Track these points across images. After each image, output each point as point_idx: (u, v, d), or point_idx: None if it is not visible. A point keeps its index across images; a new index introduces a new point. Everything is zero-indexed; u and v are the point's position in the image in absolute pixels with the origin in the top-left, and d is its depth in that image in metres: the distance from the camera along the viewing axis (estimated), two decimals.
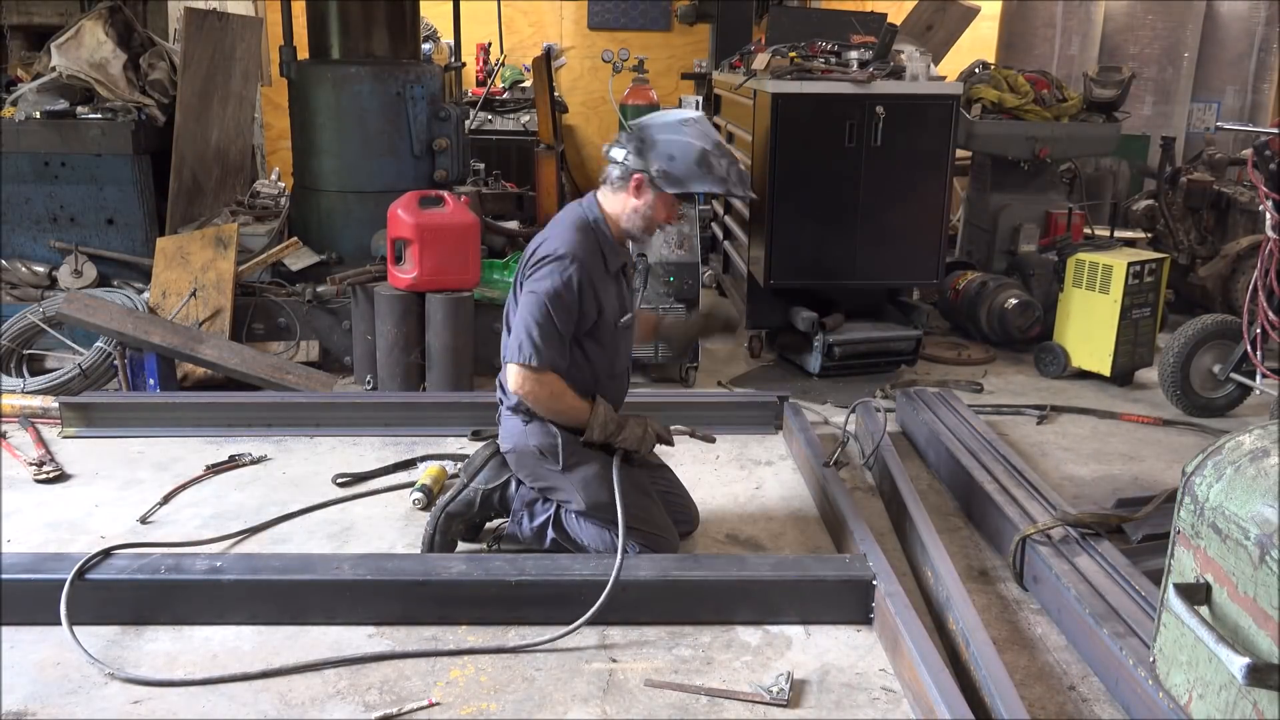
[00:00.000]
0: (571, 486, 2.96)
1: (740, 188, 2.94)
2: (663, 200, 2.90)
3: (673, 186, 2.86)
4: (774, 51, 5.07)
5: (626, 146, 2.88)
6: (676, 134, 2.86)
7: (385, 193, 4.86)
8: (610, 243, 2.96)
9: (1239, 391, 4.53)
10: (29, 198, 5.09)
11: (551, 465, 2.94)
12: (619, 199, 2.93)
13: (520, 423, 2.97)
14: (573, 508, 3.00)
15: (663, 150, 2.84)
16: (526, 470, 3.02)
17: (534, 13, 9.25)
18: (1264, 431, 2.11)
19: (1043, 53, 7.54)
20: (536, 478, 3.02)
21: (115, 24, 5.24)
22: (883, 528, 3.39)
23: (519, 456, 3.01)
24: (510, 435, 3.01)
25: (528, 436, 2.96)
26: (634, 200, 2.91)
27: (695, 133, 2.87)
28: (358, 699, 2.41)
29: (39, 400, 4.21)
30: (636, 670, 2.54)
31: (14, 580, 2.67)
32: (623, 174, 2.89)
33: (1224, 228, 6.18)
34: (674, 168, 2.84)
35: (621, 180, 2.91)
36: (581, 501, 2.95)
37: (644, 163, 2.85)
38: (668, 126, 2.88)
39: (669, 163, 2.84)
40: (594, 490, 2.93)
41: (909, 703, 2.42)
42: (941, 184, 4.81)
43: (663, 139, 2.85)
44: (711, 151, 2.86)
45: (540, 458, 2.95)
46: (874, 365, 4.99)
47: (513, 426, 3.00)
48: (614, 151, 2.92)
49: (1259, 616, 1.90)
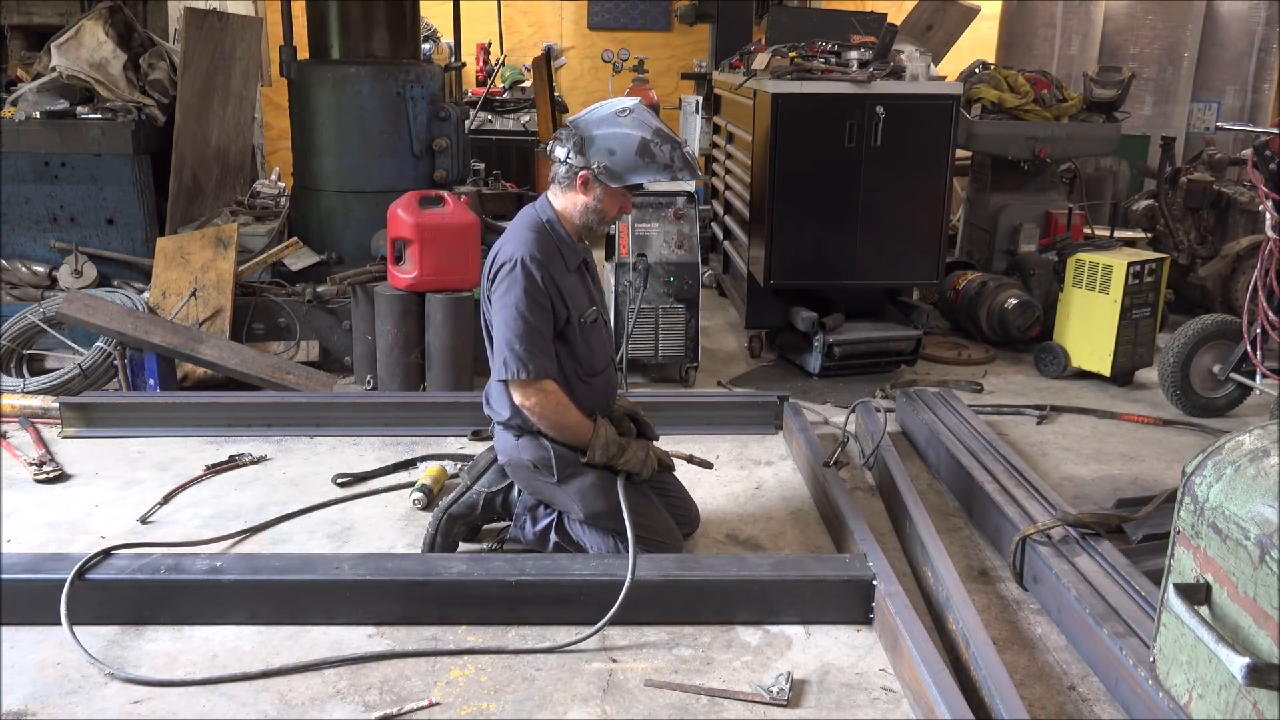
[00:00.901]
0: (568, 498, 2.96)
1: (687, 173, 2.87)
2: (610, 194, 2.87)
3: (617, 181, 2.83)
4: (774, 51, 5.07)
5: (567, 144, 2.84)
6: (615, 126, 2.82)
7: (385, 193, 4.86)
8: (567, 241, 2.93)
9: (1239, 391, 4.53)
10: (29, 198, 5.09)
11: (547, 478, 2.94)
12: (569, 197, 2.91)
13: (512, 438, 2.97)
14: (573, 516, 3.00)
15: (601, 145, 2.81)
16: (523, 482, 3.03)
17: (534, 13, 9.26)
18: (1264, 431, 2.11)
19: (1043, 53, 7.55)
20: (534, 490, 3.03)
21: (115, 24, 5.24)
22: (883, 528, 3.39)
23: (514, 469, 3.02)
24: (504, 450, 3.01)
25: (520, 451, 2.95)
26: (582, 197, 2.88)
27: (633, 122, 2.82)
28: (358, 699, 2.41)
29: (39, 400, 4.21)
30: (636, 670, 2.54)
31: (14, 580, 2.67)
32: (568, 172, 2.86)
33: (1224, 228, 6.19)
34: (615, 162, 2.80)
35: (568, 179, 2.88)
36: (580, 512, 2.96)
37: (585, 159, 2.82)
38: (605, 120, 2.84)
39: (609, 157, 2.80)
40: (591, 501, 2.93)
41: (909, 703, 2.42)
42: (941, 184, 4.81)
43: (600, 133, 2.81)
44: (651, 140, 2.80)
45: (534, 471, 2.95)
46: (874, 365, 4.99)
47: (505, 441, 3.00)
48: (556, 150, 2.87)
49: (1259, 616, 1.90)
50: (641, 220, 4.67)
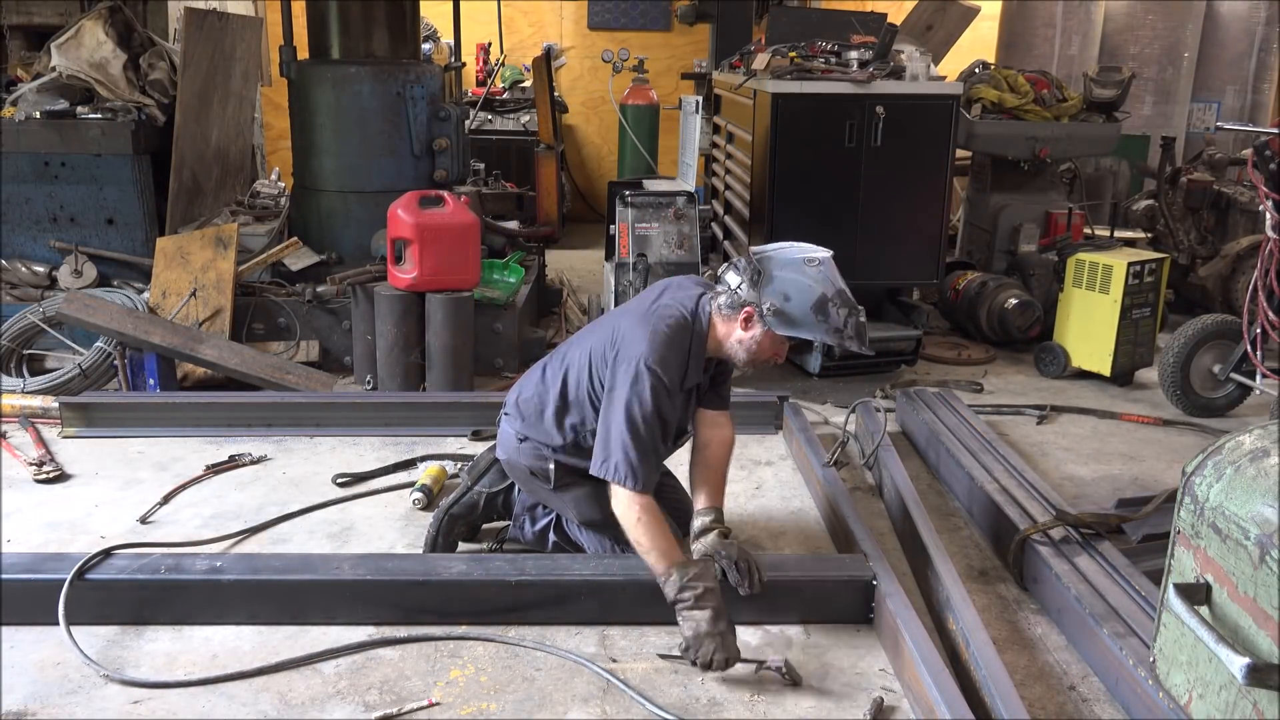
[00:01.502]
0: (564, 504, 2.97)
1: (857, 343, 2.67)
2: (770, 338, 2.67)
3: (784, 328, 2.64)
4: (774, 51, 5.07)
5: (742, 274, 2.67)
6: (798, 272, 2.63)
7: (385, 193, 4.86)
8: (699, 358, 2.74)
9: (1239, 391, 4.53)
10: (29, 198, 5.09)
11: (543, 484, 2.95)
12: (727, 326, 2.72)
13: (515, 439, 2.97)
14: (570, 518, 3.01)
15: (779, 287, 2.62)
16: (520, 481, 3.05)
17: (534, 13, 9.25)
18: (1264, 431, 2.11)
19: (1043, 53, 7.54)
20: (531, 491, 3.04)
21: (115, 24, 5.24)
22: (883, 528, 3.39)
23: (512, 469, 3.03)
24: (505, 447, 3.02)
25: (520, 454, 2.95)
26: (740, 331, 2.69)
27: (818, 275, 2.63)
28: (358, 699, 2.41)
29: (39, 400, 4.20)
30: (636, 670, 2.54)
31: (14, 580, 2.67)
32: (732, 303, 2.67)
33: (1224, 228, 6.19)
34: (789, 308, 2.62)
35: (731, 309, 2.68)
36: (575, 518, 2.98)
37: (757, 295, 2.64)
38: (791, 263, 2.65)
39: (784, 301, 2.62)
40: (585, 510, 2.93)
41: (909, 703, 2.42)
42: (941, 184, 4.81)
43: (781, 275, 2.63)
44: (832, 299, 2.61)
45: (531, 477, 2.96)
46: (874, 365, 4.99)
47: (508, 440, 3.00)
48: (729, 276, 2.71)
49: (1259, 616, 1.90)
50: (641, 220, 4.66)
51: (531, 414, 2.93)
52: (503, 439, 3.03)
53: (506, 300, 4.96)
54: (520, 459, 2.95)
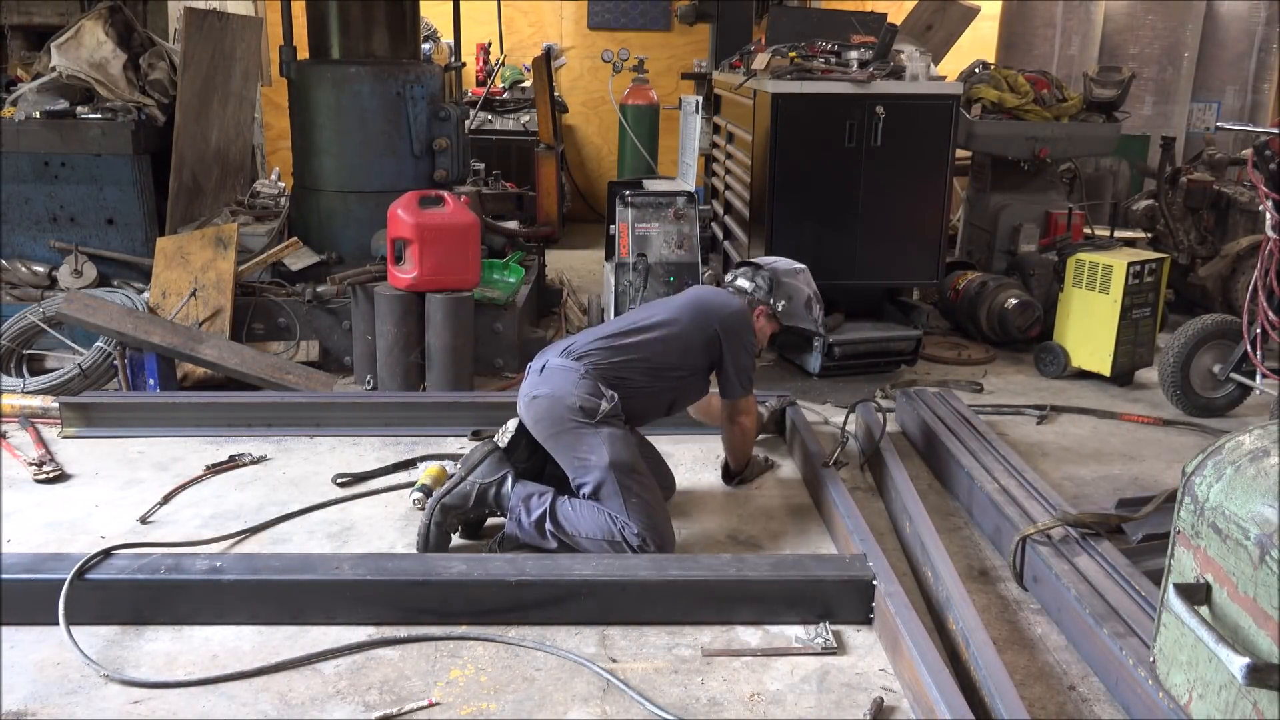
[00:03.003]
0: (599, 440, 3.03)
1: (821, 331, 3.77)
2: (771, 328, 3.57)
3: (787, 320, 3.57)
4: (774, 51, 5.07)
5: (755, 279, 3.56)
6: (794, 280, 3.59)
7: (385, 193, 4.87)
8: None
9: (1239, 391, 4.53)
10: (29, 198, 5.09)
11: (585, 420, 3.04)
12: None
13: (576, 374, 3.09)
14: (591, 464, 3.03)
15: (785, 291, 3.56)
16: (549, 421, 3.09)
17: (534, 13, 9.26)
18: (1264, 431, 2.11)
19: (1043, 53, 7.54)
20: (559, 430, 3.08)
21: (115, 24, 5.24)
22: (883, 528, 3.39)
23: (551, 405, 3.08)
24: (553, 382, 3.10)
25: (575, 388, 3.08)
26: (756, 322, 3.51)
27: (805, 281, 3.62)
28: (358, 699, 2.41)
29: (39, 400, 4.20)
30: (636, 670, 2.54)
31: (14, 580, 2.67)
32: (750, 303, 3.51)
33: (1224, 228, 6.18)
34: (790, 307, 3.56)
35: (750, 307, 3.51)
36: (605, 454, 3.02)
37: (770, 297, 3.52)
38: (789, 273, 3.60)
39: (788, 302, 3.55)
40: (618, 449, 3.04)
41: (909, 703, 2.42)
42: (941, 184, 4.81)
43: (786, 282, 3.56)
44: (813, 298, 3.62)
45: (574, 412, 3.04)
46: (874, 365, 4.99)
47: (564, 377, 3.10)
48: (741, 281, 3.58)
49: (1259, 616, 1.90)
50: (641, 220, 4.66)
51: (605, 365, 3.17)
52: (554, 377, 3.11)
53: (506, 300, 4.97)
54: (574, 393, 3.06)
